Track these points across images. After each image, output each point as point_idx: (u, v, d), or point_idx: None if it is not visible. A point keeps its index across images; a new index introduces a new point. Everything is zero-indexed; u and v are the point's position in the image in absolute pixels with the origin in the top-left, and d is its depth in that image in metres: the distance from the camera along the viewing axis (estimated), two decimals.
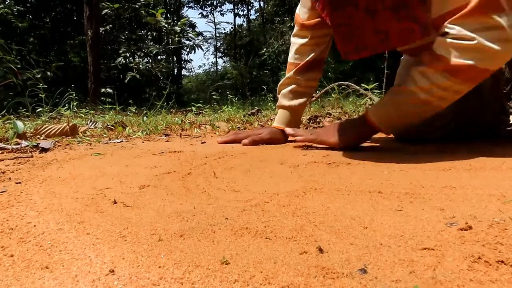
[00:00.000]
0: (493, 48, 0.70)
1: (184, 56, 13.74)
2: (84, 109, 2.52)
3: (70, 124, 1.51)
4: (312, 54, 1.16)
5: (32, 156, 1.01)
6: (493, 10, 0.70)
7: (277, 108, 1.23)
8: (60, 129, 1.47)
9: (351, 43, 0.87)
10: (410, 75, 0.82)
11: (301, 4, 1.16)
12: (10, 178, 0.72)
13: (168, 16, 13.02)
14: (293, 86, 1.18)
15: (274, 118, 1.27)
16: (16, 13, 6.72)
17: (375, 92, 2.73)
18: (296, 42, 1.18)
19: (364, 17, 0.81)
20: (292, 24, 10.13)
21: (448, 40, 0.74)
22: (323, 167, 0.75)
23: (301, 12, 1.15)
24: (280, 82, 1.23)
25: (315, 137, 0.98)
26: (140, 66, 7.51)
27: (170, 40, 8.44)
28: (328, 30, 1.13)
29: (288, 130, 1.07)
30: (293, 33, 1.20)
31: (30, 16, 8.09)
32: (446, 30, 0.75)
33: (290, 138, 1.12)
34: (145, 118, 2.06)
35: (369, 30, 0.83)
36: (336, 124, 0.99)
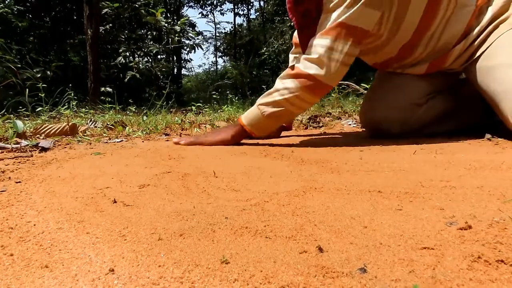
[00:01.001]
0: (326, 63, 0.94)
1: (184, 56, 13.74)
2: (84, 109, 2.52)
3: (70, 124, 1.50)
4: None
5: (32, 156, 1.00)
6: (328, 35, 0.94)
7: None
8: (60, 129, 1.47)
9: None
10: (276, 81, 1.04)
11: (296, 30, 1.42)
12: (10, 178, 0.72)
13: (168, 15, 13.01)
14: None
15: None
16: (16, 13, 6.71)
17: None
18: (292, 56, 1.42)
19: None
20: (291, 23, 10.12)
21: (304, 56, 0.98)
22: (323, 167, 0.75)
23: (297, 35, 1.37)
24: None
25: (193, 139, 1.15)
26: (140, 65, 7.51)
27: (170, 39, 8.43)
28: None
29: (175, 140, 1.20)
30: (291, 51, 1.43)
31: (30, 16, 8.08)
32: (310, 44, 0.99)
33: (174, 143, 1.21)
34: (145, 118, 2.06)
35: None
36: (215, 129, 1.23)
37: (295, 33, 1.39)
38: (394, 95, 1.15)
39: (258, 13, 16.33)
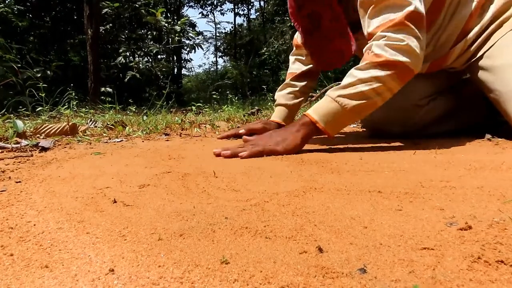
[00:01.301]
0: (417, 51, 0.88)
1: (184, 56, 13.74)
2: (84, 108, 2.52)
3: (70, 123, 1.50)
4: (310, 66, 1.36)
5: (32, 155, 1.00)
6: (413, 24, 0.88)
7: (274, 106, 1.41)
8: (60, 128, 1.47)
9: (323, 61, 1.19)
10: (348, 74, 0.93)
11: (297, 32, 1.36)
12: (10, 177, 0.72)
13: (168, 15, 13.01)
14: (290, 89, 1.37)
15: None
16: (16, 12, 6.71)
17: None
18: (294, 58, 1.41)
19: (328, 43, 1.12)
20: (292, 23, 10.12)
21: (385, 42, 0.89)
22: (323, 167, 0.75)
23: (298, 37, 1.36)
24: (278, 88, 1.42)
25: (261, 148, 0.91)
26: (140, 65, 7.51)
27: (170, 39, 8.44)
28: None
29: (220, 152, 0.93)
30: (292, 53, 1.42)
31: (30, 15, 8.07)
32: (380, 35, 0.90)
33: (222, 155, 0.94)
34: (145, 118, 2.06)
35: (329, 50, 1.14)
36: (270, 132, 1.01)
37: (296, 35, 1.39)
38: (395, 96, 1.15)
39: (258, 13, 16.33)
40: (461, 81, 1.20)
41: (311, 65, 1.35)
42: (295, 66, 1.39)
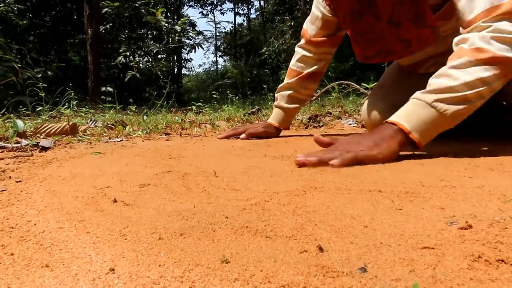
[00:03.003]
0: None
1: (184, 55, 13.75)
2: (84, 108, 2.52)
3: (70, 123, 1.50)
4: (315, 67, 1.28)
5: (32, 155, 1.01)
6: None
7: (274, 106, 1.37)
8: (60, 128, 1.47)
9: (373, 49, 0.98)
10: (443, 74, 0.77)
11: (310, 21, 1.25)
12: (10, 177, 0.72)
13: (168, 15, 13.01)
14: (292, 91, 1.32)
15: None
16: (16, 12, 6.71)
17: None
18: (300, 52, 1.29)
19: (388, 28, 0.91)
20: (292, 23, 10.12)
21: (491, 34, 0.73)
22: (323, 167, 0.75)
23: (309, 29, 1.25)
24: (281, 85, 1.35)
25: (354, 155, 0.75)
26: (140, 65, 7.51)
27: (170, 39, 8.44)
28: (331, 48, 1.27)
29: (311, 159, 0.76)
30: (298, 44, 1.30)
31: (30, 15, 8.08)
32: (483, 26, 0.75)
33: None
34: (145, 117, 2.07)
35: (393, 38, 0.92)
36: (354, 136, 0.85)
37: (306, 25, 1.26)
38: (398, 96, 1.14)
39: (258, 13, 16.33)
40: None
41: (316, 66, 1.28)
42: (301, 64, 1.29)
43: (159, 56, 9.56)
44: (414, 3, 0.87)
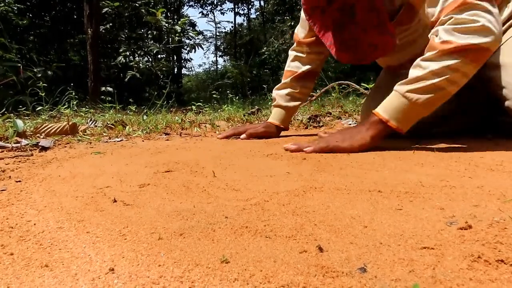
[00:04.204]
0: (492, 28, 0.80)
1: (184, 55, 13.74)
2: (84, 108, 2.52)
3: (70, 123, 1.50)
4: (308, 66, 1.33)
5: (32, 155, 1.01)
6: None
7: (273, 106, 1.39)
8: (60, 128, 1.47)
9: (350, 54, 1.07)
10: (415, 65, 0.87)
11: (300, 25, 1.34)
12: (10, 177, 0.72)
13: (169, 15, 13.01)
14: (289, 90, 1.34)
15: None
16: (16, 11, 6.71)
17: None
18: (293, 54, 1.36)
19: (361, 33, 1.02)
20: (292, 23, 10.13)
21: (452, 26, 0.82)
22: (322, 166, 0.75)
23: (299, 32, 1.33)
24: (277, 85, 1.38)
25: (325, 144, 0.92)
26: (140, 65, 7.51)
27: (170, 39, 8.44)
28: (322, 48, 1.30)
29: (291, 147, 0.97)
30: (291, 47, 1.38)
31: (30, 15, 8.07)
32: (445, 19, 0.84)
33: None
34: (145, 117, 2.07)
35: (364, 44, 1.03)
36: (340, 130, 1.00)
37: (298, 29, 1.35)
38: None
39: (258, 13, 16.33)
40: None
41: (310, 66, 1.33)
42: (295, 64, 1.36)
43: (159, 56, 9.56)
44: (375, 12, 0.98)
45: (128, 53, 7.79)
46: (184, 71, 15.36)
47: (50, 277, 0.32)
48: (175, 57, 12.15)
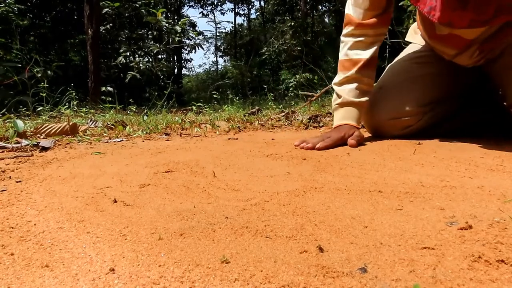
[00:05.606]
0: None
1: (184, 56, 13.75)
2: (84, 108, 2.52)
3: (71, 123, 1.51)
4: (371, 53, 1.13)
5: (32, 155, 1.01)
6: None
7: (338, 106, 1.15)
8: (61, 128, 1.47)
9: (489, 10, 0.85)
10: None
11: (353, 5, 1.15)
12: (10, 177, 0.72)
13: (169, 15, 13.01)
14: (357, 84, 1.13)
15: (275, 117, 1.30)
16: (16, 12, 6.72)
17: None
18: (350, 40, 1.15)
19: None
20: (292, 23, 10.12)
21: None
22: (323, 167, 0.75)
23: (356, 13, 1.14)
24: (337, 80, 1.17)
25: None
26: (141, 65, 7.50)
27: (170, 39, 8.44)
28: (383, 29, 1.15)
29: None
30: (345, 33, 1.17)
31: (31, 15, 8.08)
32: None
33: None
34: (145, 117, 2.07)
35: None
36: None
37: (351, 10, 1.15)
38: (399, 101, 1.13)
39: (258, 13, 16.34)
40: (464, 87, 1.19)
41: (372, 52, 1.14)
42: (354, 52, 1.14)
43: (160, 56, 9.56)
44: None
45: (128, 54, 7.80)
46: (184, 71, 15.38)
47: (50, 277, 0.32)
48: (175, 58, 12.16)
